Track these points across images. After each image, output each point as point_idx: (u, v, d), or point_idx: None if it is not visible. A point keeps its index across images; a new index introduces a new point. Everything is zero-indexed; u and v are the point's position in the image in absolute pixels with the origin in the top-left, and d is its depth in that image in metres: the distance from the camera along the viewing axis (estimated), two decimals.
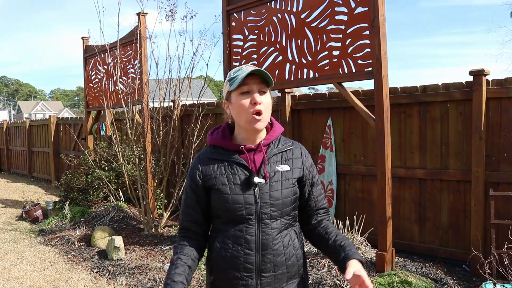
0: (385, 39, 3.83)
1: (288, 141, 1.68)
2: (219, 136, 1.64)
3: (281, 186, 1.58)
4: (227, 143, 1.61)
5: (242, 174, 1.57)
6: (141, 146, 5.95)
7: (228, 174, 1.57)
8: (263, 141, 1.60)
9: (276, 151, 1.61)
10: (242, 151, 1.59)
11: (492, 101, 4.00)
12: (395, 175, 4.50)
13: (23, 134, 13.11)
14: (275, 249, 1.56)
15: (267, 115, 1.57)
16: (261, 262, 1.55)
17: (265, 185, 1.56)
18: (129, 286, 4.18)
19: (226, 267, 1.57)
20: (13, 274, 4.62)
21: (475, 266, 3.91)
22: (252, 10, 4.87)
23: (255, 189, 1.55)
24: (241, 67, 1.57)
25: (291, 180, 1.60)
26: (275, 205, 1.56)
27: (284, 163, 1.61)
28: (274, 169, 1.59)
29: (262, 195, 1.55)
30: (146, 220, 5.78)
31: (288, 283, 1.61)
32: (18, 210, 7.91)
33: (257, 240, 1.55)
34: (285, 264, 1.58)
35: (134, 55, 6.25)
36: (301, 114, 5.44)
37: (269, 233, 1.56)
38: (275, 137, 1.63)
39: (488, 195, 3.89)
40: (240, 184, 1.55)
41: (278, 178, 1.58)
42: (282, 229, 1.59)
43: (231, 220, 1.57)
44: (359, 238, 4.39)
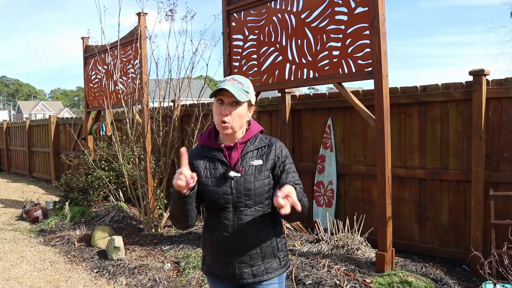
0: (385, 39, 3.83)
1: (265, 138, 1.92)
2: (205, 137, 1.93)
3: (254, 178, 1.82)
4: (211, 142, 1.89)
5: (221, 169, 1.84)
6: (141, 146, 5.95)
7: (210, 169, 1.86)
8: (239, 140, 1.86)
9: (252, 148, 1.87)
10: (222, 149, 1.86)
11: (492, 101, 4.00)
12: (395, 175, 4.50)
13: (23, 134, 13.10)
14: (249, 232, 1.83)
15: (236, 124, 1.81)
16: (237, 242, 1.83)
17: (240, 178, 1.82)
18: (129, 286, 4.18)
19: (210, 246, 1.90)
20: (13, 274, 4.62)
21: (475, 266, 3.91)
22: (252, 10, 4.87)
23: (231, 182, 1.81)
24: (225, 79, 1.82)
25: (264, 172, 1.85)
26: (248, 195, 1.81)
27: (258, 158, 1.86)
28: (249, 163, 1.84)
29: (237, 187, 1.81)
30: (146, 220, 5.78)
31: (264, 261, 1.88)
32: (18, 210, 7.91)
33: (233, 224, 1.82)
34: (259, 245, 1.85)
35: (134, 55, 6.25)
36: (301, 114, 5.44)
37: (244, 219, 1.82)
38: (251, 136, 1.89)
39: (488, 195, 3.89)
40: (219, 177, 1.83)
41: (252, 171, 1.83)
42: (256, 216, 1.84)
43: (213, 207, 1.85)
44: (359, 238, 4.39)
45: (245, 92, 1.81)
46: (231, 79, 1.82)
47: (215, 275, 1.93)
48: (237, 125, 1.82)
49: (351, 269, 3.91)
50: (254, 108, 1.92)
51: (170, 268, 4.47)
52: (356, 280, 3.68)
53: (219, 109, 1.81)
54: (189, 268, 4.34)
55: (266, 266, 1.88)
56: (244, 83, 1.84)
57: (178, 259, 4.65)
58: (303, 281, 3.73)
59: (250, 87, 1.86)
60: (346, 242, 4.33)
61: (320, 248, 4.43)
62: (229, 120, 1.79)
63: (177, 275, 4.32)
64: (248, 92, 1.83)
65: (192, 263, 4.42)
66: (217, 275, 1.92)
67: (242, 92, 1.80)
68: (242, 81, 1.84)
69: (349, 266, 3.97)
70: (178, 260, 4.61)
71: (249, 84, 1.86)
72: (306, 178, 5.26)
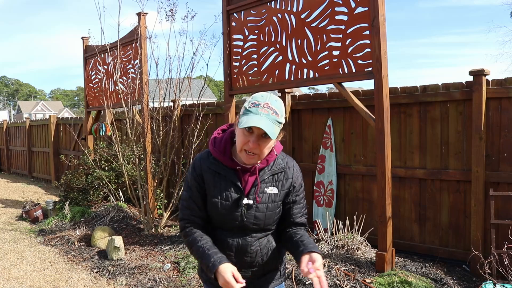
0: (385, 39, 3.83)
1: (282, 160, 1.76)
2: (220, 150, 1.71)
3: (266, 208, 1.71)
4: (226, 160, 1.70)
5: (233, 193, 1.69)
6: (141, 146, 5.95)
7: (221, 189, 1.70)
8: (259, 165, 1.69)
9: (269, 174, 1.72)
10: (238, 171, 1.70)
11: (492, 101, 4.00)
12: (395, 175, 4.51)
13: (23, 134, 13.10)
14: (253, 252, 1.76)
15: (263, 155, 1.64)
16: (239, 261, 1.75)
17: (252, 206, 1.70)
18: (129, 286, 4.18)
19: None
20: (13, 274, 4.62)
21: (475, 266, 3.91)
22: (252, 10, 4.87)
23: (242, 209, 1.69)
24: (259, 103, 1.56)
25: (277, 203, 1.74)
26: (257, 224, 1.73)
27: (273, 185, 1.73)
28: (263, 190, 1.71)
29: (248, 215, 1.70)
30: (146, 220, 5.77)
31: (266, 275, 1.84)
32: (18, 210, 7.91)
33: (237, 244, 1.75)
34: (262, 263, 1.80)
35: (134, 55, 6.25)
36: (301, 114, 5.44)
37: (248, 240, 1.75)
38: (272, 160, 1.72)
39: (488, 195, 3.89)
40: (230, 202, 1.69)
41: (265, 200, 1.71)
42: (261, 237, 1.78)
43: (218, 225, 1.76)
44: (359, 238, 4.39)
45: (279, 123, 1.57)
46: (265, 107, 1.55)
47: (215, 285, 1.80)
48: (265, 155, 1.64)
49: (351, 269, 3.91)
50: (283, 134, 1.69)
51: (170, 268, 4.47)
52: (356, 280, 3.69)
53: (246, 138, 1.58)
54: (189, 268, 4.34)
55: (267, 277, 1.86)
56: (279, 111, 1.57)
57: (178, 259, 4.65)
58: (303, 281, 3.73)
59: (283, 113, 1.60)
60: (346, 242, 4.33)
61: (320, 248, 4.43)
62: (257, 151, 1.60)
63: (177, 275, 4.32)
64: (281, 123, 1.59)
65: (192, 263, 4.42)
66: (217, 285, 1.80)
67: (276, 125, 1.56)
68: (277, 110, 1.56)
69: (349, 266, 3.97)
70: (178, 260, 4.61)
71: (283, 110, 1.60)
72: (306, 178, 5.25)
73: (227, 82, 5.17)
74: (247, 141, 1.58)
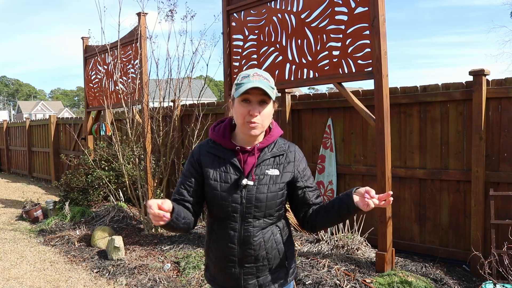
0: (385, 39, 3.83)
1: (283, 144, 1.75)
2: (220, 133, 1.72)
3: (267, 189, 1.67)
4: (226, 141, 1.70)
5: (233, 174, 1.67)
6: (141, 146, 5.95)
7: (221, 171, 1.68)
8: (258, 145, 1.69)
9: (269, 155, 1.70)
10: (237, 152, 1.69)
11: (492, 101, 4.00)
12: (395, 175, 4.51)
13: (23, 134, 13.10)
14: (256, 244, 1.69)
15: (266, 123, 1.65)
16: (242, 255, 1.69)
17: (253, 187, 1.65)
18: (129, 286, 4.17)
19: (214, 257, 1.76)
20: (13, 274, 4.62)
21: (475, 266, 3.91)
22: (252, 10, 4.87)
23: (242, 190, 1.65)
24: (248, 75, 1.63)
25: (279, 184, 1.69)
26: (259, 206, 1.66)
27: (275, 167, 1.70)
28: (264, 172, 1.68)
29: (248, 196, 1.65)
30: (146, 220, 5.77)
31: (271, 272, 1.75)
32: (18, 210, 7.91)
33: (239, 235, 1.68)
34: (266, 257, 1.71)
35: (134, 55, 6.25)
36: (301, 114, 5.44)
37: (251, 230, 1.68)
38: (271, 141, 1.72)
39: (488, 195, 3.90)
40: (230, 183, 1.66)
41: (266, 181, 1.67)
42: (264, 227, 1.70)
43: (218, 215, 1.71)
44: (359, 238, 4.39)
45: (272, 88, 1.63)
46: (255, 75, 1.63)
47: (220, 285, 1.80)
48: (266, 125, 1.66)
49: (351, 269, 3.91)
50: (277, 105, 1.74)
51: (170, 268, 4.47)
52: (356, 280, 3.68)
53: (246, 109, 1.61)
54: (189, 268, 4.34)
55: (273, 276, 1.76)
56: (269, 78, 1.65)
57: (178, 259, 4.65)
58: (303, 281, 3.73)
59: (273, 80, 1.68)
60: (346, 242, 4.33)
61: (320, 248, 4.43)
62: (259, 120, 1.61)
63: (177, 275, 4.32)
64: (273, 88, 1.65)
65: (192, 263, 4.42)
66: (222, 285, 1.80)
67: (270, 89, 1.61)
68: (267, 77, 1.64)
69: (349, 266, 3.97)
70: (178, 260, 4.61)
71: (272, 79, 1.68)
72: None
73: (227, 82, 5.17)
74: (247, 111, 1.61)
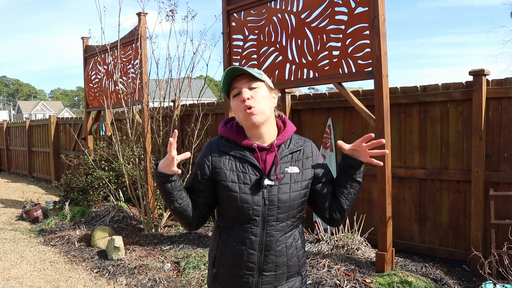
0: (385, 39, 3.83)
1: (299, 139, 1.66)
2: (233, 130, 1.61)
3: (289, 189, 1.56)
4: (241, 139, 1.58)
5: (252, 174, 1.55)
6: (141, 146, 5.95)
7: (238, 172, 1.55)
8: (276, 141, 1.58)
9: (287, 152, 1.60)
10: (254, 150, 1.57)
11: (492, 101, 4.00)
12: (395, 175, 4.51)
13: (23, 134, 13.10)
14: (278, 250, 1.58)
15: (262, 107, 1.53)
16: (263, 261, 1.57)
17: (274, 187, 1.54)
18: (129, 286, 4.18)
19: (229, 264, 1.60)
20: (13, 274, 4.62)
21: (475, 266, 3.91)
22: (252, 10, 4.87)
23: (264, 191, 1.54)
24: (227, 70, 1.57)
25: (300, 183, 1.59)
26: (282, 207, 1.55)
27: (293, 164, 1.59)
28: (284, 170, 1.57)
29: (270, 197, 1.54)
30: (146, 220, 5.78)
31: (287, 281, 1.65)
32: (18, 210, 7.91)
33: (261, 240, 1.56)
34: (286, 264, 1.61)
35: (135, 55, 6.25)
36: (301, 114, 5.44)
37: (274, 234, 1.57)
38: (287, 137, 1.61)
39: (488, 195, 3.89)
40: (250, 184, 1.54)
41: (287, 180, 1.57)
42: (287, 231, 1.60)
43: (237, 219, 1.57)
44: (359, 238, 4.39)
45: (257, 72, 1.55)
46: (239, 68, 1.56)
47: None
48: (265, 108, 1.54)
49: (351, 269, 3.91)
50: (277, 92, 1.64)
51: (170, 268, 4.47)
52: (356, 280, 3.69)
53: (239, 100, 1.53)
54: (189, 268, 4.34)
55: (289, 286, 1.65)
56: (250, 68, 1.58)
57: (178, 259, 4.65)
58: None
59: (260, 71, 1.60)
60: (346, 242, 4.33)
61: (320, 248, 4.43)
62: (254, 104, 1.51)
63: (177, 275, 4.32)
64: (260, 74, 1.57)
65: (192, 263, 4.42)
66: None
67: (253, 71, 1.54)
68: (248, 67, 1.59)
69: (349, 266, 3.97)
70: (178, 260, 4.62)
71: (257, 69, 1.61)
72: None
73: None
74: (242, 101, 1.52)
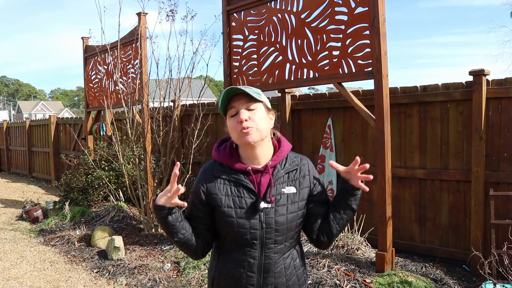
0: (385, 39, 3.83)
1: (295, 158, 1.63)
2: (226, 153, 1.59)
3: (286, 210, 1.55)
4: (234, 162, 1.56)
5: (248, 198, 1.53)
6: (141, 146, 5.95)
7: (234, 196, 1.54)
8: (270, 163, 1.56)
9: (283, 172, 1.57)
10: (249, 173, 1.55)
11: (492, 101, 4.00)
12: (395, 175, 4.51)
13: (23, 134, 13.10)
14: (277, 271, 1.58)
15: (261, 127, 1.51)
16: (262, 283, 1.57)
17: (271, 210, 1.53)
18: (129, 286, 4.18)
19: (228, 286, 1.60)
20: (13, 274, 4.62)
21: (475, 266, 3.91)
22: (252, 10, 4.87)
23: (260, 214, 1.53)
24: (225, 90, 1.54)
25: (297, 203, 1.57)
26: (279, 230, 1.55)
27: (290, 184, 1.57)
28: (280, 191, 1.55)
29: (267, 220, 1.53)
30: (146, 220, 5.78)
31: None
32: (18, 210, 7.91)
33: (260, 263, 1.56)
34: (286, 284, 1.60)
35: (135, 55, 6.25)
36: (301, 114, 5.44)
37: (272, 257, 1.56)
38: (283, 157, 1.59)
39: (488, 195, 3.89)
40: (246, 208, 1.53)
41: (284, 201, 1.55)
42: (285, 252, 1.60)
43: (235, 242, 1.57)
44: (359, 238, 4.39)
45: (256, 93, 1.53)
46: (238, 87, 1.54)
47: None
48: (262, 128, 1.52)
49: (351, 269, 3.91)
50: (274, 113, 1.62)
51: (170, 268, 4.47)
52: (356, 280, 3.69)
53: (235, 120, 1.50)
54: (189, 268, 4.34)
55: None
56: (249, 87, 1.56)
57: (178, 259, 4.65)
58: None
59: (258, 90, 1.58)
60: (346, 242, 4.33)
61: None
62: (251, 124, 1.49)
63: (177, 275, 4.32)
64: (259, 94, 1.54)
65: (192, 263, 4.42)
66: None
67: (252, 91, 1.52)
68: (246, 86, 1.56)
69: (349, 266, 3.97)
70: (178, 260, 4.62)
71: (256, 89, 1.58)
72: None
73: (227, 82, 5.17)
74: (239, 122, 1.49)
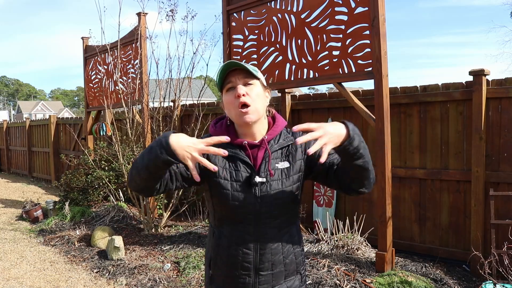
0: (385, 39, 3.83)
1: (288, 133, 1.61)
2: (223, 129, 1.58)
3: (281, 184, 1.53)
4: (231, 136, 1.53)
5: (244, 172, 1.52)
6: (141, 146, 5.95)
7: (231, 169, 1.53)
8: (266, 137, 1.55)
9: (277, 147, 1.56)
10: (245, 147, 1.54)
11: (492, 101, 4.00)
12: (395, 175, 4.50)
13: (23, 134, 13.10)
14: (274, 248, 1.55)
15: (258, 105, 1.50)
16: (259, 261, 1.55)
17: (266, 184, 1.52)
18: (129, 286, 4.18)
19: (224, 265, 1.58)
20: (13, 274, 4.62)
21: (475, 266, 3.91)
22: (252, 10, 4.87)
23: (255, 188, 1.51)
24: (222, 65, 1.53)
25: (293, 177, 1.55)
26: (275, 204, 1.52)
27: (284, 159, 1.55)
28: (274, 166, 1.53)
29: (262, 194, 1.51)
30: (146, 220, 5.78)
31: (286, 280, 1.61)
32: (18, 210, 7.91)
33: (256, 239, 1.54)
34: (283, 262, 1.58)
35: (135, 55, 6.25)
36: (301, 114, 5.44)
37: (268, 232, 1.54)
38: (277, 132, 1.58)
39: (488, 195, 3.89)
40: (241, 181, 1.52)
41: (278, 176, 1.53)
42: (282, 227, 1.57)
43: (230, 218, 1.55)
44: (359, 238, 4.39)
45: (254, 69, 1.52)
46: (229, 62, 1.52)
47: None
48: (260, 107, 1.51)
49: (351, 269, 3.91)
50: (269, 90, 1.61)
51: (170, 268, 4.47)
52: (356, 280, 3.69)
53: (233, 95, 1.49)
54: (189, 268, 4.34)
55: (288, 285, 1.61)
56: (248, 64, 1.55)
57: (178, 259, 4.65)
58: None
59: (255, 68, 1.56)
60: (346, 242, 4.33)
61: (320, 248, 4.43)
62: (249, 101, 1.48)
63: (177, 275, 4.32)
64: (256, 71, 1.53)
65: (192, 263, 4.42)
66: None
67: (250, 67, 1.50)
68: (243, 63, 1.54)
69: (349, 266, 3.97)
70: (178, 260, 4.62)
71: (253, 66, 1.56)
72: None
73: None
74: (236, 97, 1.48)
